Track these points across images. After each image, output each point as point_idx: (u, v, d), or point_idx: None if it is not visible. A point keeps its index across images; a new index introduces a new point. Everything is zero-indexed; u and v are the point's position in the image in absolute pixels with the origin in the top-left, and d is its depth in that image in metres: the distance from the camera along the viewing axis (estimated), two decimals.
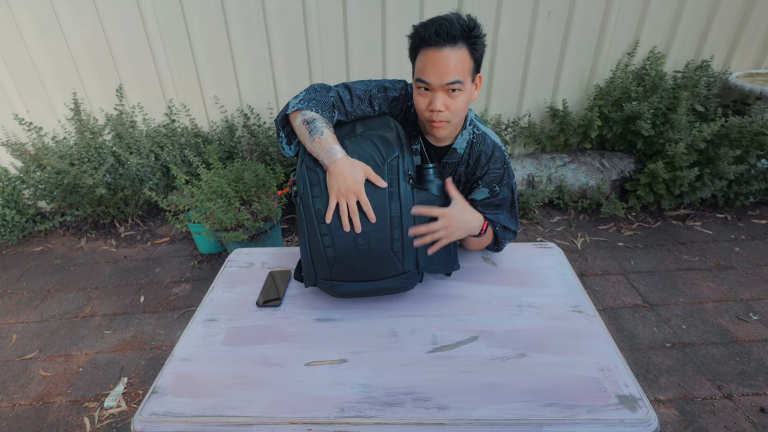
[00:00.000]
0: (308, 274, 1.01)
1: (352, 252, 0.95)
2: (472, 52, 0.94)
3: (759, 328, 1.88)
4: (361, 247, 0.95)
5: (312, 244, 0.98)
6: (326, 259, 0.97)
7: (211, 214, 2.20)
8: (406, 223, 0.95)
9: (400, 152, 0.96)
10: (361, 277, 0.98)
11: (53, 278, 2.51)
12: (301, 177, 0.97)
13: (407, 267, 0.98)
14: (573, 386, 0.82)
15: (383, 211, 0.94)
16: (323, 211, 0.95)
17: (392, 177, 0.95)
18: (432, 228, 0.96)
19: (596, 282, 2.21)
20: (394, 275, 0.98)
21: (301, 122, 1.02)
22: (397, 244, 0.96)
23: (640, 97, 2.60)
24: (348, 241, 0.95)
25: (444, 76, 0.93)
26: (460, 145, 1.11)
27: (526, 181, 2.80)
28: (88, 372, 1.89)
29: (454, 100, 0.97)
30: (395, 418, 0.78)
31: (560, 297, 1.05)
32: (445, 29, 0.90)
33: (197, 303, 2.25)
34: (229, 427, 0.78)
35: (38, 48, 2.59)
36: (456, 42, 0.92)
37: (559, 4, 2.54)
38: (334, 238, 0.95)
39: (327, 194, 0.95)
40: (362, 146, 0.97)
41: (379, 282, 0.99)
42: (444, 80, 0.94)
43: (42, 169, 2.69)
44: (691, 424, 1.53)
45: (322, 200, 0.95)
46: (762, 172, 2.56)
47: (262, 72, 2.73)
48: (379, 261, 0.96)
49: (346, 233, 0.95)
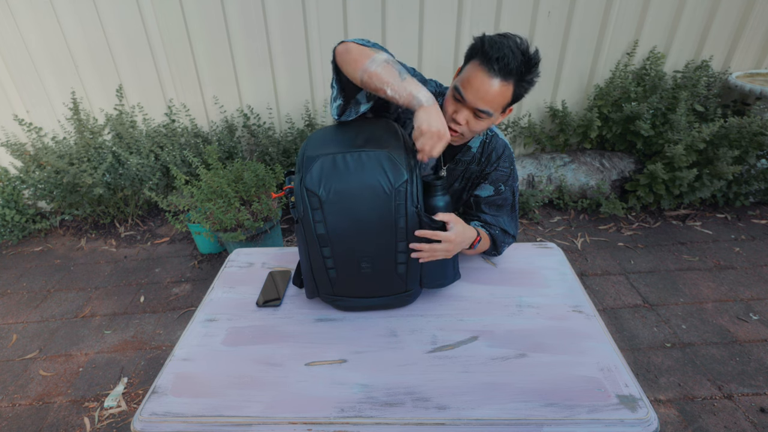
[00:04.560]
0: (309, 287, 1.01)
1: (356, 274, 0.95)
2: (517, 89, 0.93)
3: (759, 328, 1.88)
4: (365, 270, 0.94)
5: (314, 265, 0.96)
6: (329, 279, 0.97)
7: (211, 214, 2.20)
8: (412, 242, 0.93)
9: (409, 175, 0.87)
10: (363, 294, 0.99)
11: (53, 278, 2.50)
12: (300, 199, 0.88)
13: (410, 286, 0.99)
14: (573, 386, 0.82)
15: (389, 232, 0.90)
16: (326, 236, 0.90)
17: (399, 202, 0.88)
18: (434, 248, 0.93)
19: (596, 282, 2.21)
20: (397, 293, 0.99)
21: (384, 60, 0.90)
22: (402, 267, 0.95)
23: (639, 97, 2.60)
24: (351, 265, 0.93)
25: (479, 102, 0.93)
26: (475, 143, 1.13)
27: (526, 181, 2.80)
28: (88, 372, 1.89)
29: (476, 121, 0.98)
30: (395, 418, 0.78)
31: (560, 297, 1.05)
32: (505, 63, 0.88)
33: (197, 303, 2.25)
34: (229, 427, 0.78)
35: (38, 48, 2.59)
36: (509, 77, 0.90)
37: (559, 4, 2.54)
38: (337, 263, 0.93)
39: (334, 213, 0.88)
40: (367, 169, 0.86)
41: (381, 298, 1.00)
42: (477, 105, 0.94)
43: (42, 168, 2.69)
44: (691, 424, 1.53)
45: (324, 225, 0.89)
46: (762, 172, 2.56)
47: (262, 72, 2.73)
48: (383, 282, 0.97)
49: (349, 257, 0.92)
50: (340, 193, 0.86)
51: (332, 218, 0.88)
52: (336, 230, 0.89)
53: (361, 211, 0.87)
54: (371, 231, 0.89)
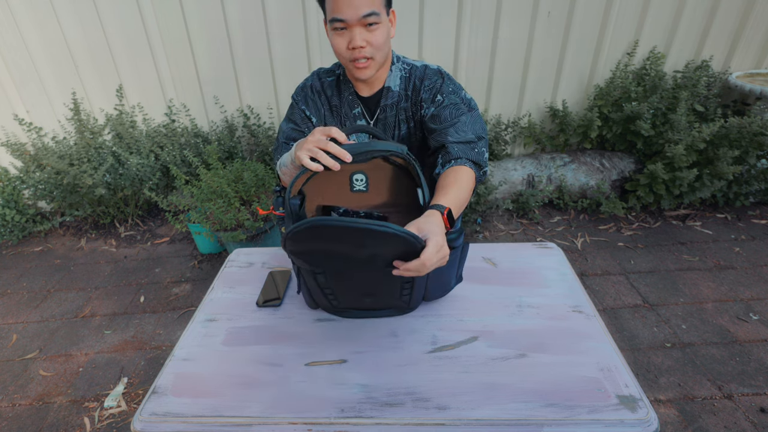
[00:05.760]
0: (309, 301, 1.01)
1: (358, 304, 0.95)
2: None
3: (759, 328, 1.88)
4: (367, 302, 0.94)
5: (313, 292, 0.93)
6: (330, 304, 0.96)
7: (211, 214, 2.20)
8: (418, 280, 0.86)
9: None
10: (365, 310, 0.99)
11: (53, 278, 2.50)
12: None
13: (413, 305, 0.99)
14: (573, 386, 0.82)
15: (395, 277, 0.81)
16: (326, 282, 0.85)
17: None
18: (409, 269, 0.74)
19: (596, 282, 2.21)
20: (398, 308, 1.00)
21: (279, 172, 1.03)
22: (406, 298, 0.93)
23: (639, 97, 2.60)
24: (353, 299, 0.92)
25: (359, 9, 0.90)
26: (394, 82, 1.07)
27: (526, 181, 2.80)
28: (88, 372, 1.89)
29: (373, 34, 0.94)
30: (395, 419, 0.78)
31: (560, 297, 1.05)
32: None
33: (197, 303, 2.25)
34: (229, 427, 0.78)
35: (38, 48, 2.59)
36: None
37: (559, 4, 2.54)
38: (338, 296, 0.91)
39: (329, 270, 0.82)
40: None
41: (383, 311, 1.00)
42: (360, 12, 0.91)
43: (42, 169, 2.69)
44: (691, 424, 1.53)
45: (324, 276, 0.84)
46: (762, 172, 2.56)
47: (262, 72, 2.73)
48: (386, 307, 0.97)
49: (351, 295, 0.90)
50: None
51: (332, 266, 0.81)
52: (337, 277, 0.85)
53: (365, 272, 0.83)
54: (374, 278, 0.84)
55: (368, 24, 0.93)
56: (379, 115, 1.10)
